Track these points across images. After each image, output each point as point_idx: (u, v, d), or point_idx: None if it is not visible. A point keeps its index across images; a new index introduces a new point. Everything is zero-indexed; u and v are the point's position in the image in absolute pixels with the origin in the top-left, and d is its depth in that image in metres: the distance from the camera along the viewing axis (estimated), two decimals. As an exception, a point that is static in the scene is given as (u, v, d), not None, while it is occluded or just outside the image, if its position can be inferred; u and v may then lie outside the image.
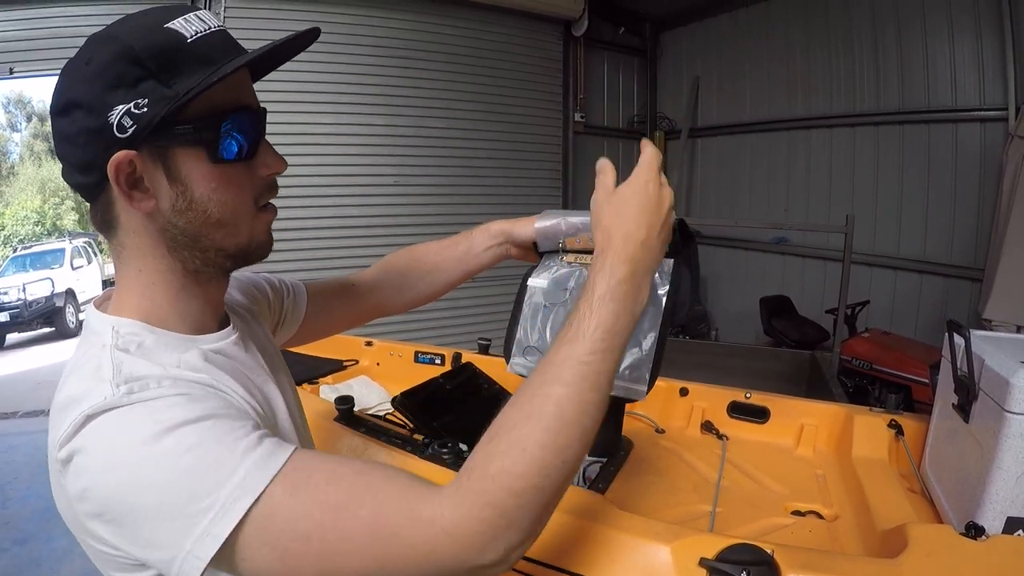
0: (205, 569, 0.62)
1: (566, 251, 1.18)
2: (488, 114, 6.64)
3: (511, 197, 6.79)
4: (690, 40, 7.92)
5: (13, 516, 4.33)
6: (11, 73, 5.12)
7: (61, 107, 0.72)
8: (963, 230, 5.43)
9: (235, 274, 0.91)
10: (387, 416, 1.75)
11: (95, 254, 14.77)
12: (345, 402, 1.58)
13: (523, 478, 0.65)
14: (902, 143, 5.81)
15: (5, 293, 11.42)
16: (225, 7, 5.35)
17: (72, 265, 13.13)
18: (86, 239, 15.24)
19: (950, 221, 5.52)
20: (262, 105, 0.83)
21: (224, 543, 0.61)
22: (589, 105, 7.57)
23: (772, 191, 7.13)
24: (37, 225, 24.11)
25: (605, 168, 0.90)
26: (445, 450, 1.33)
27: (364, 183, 6.02)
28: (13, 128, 28.63)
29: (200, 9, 0.76)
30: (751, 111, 7.25)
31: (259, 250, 0.85)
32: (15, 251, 14.33)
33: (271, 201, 0.86)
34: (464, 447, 1.34)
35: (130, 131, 0.70)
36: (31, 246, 14.90)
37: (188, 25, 0.72)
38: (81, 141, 0.72)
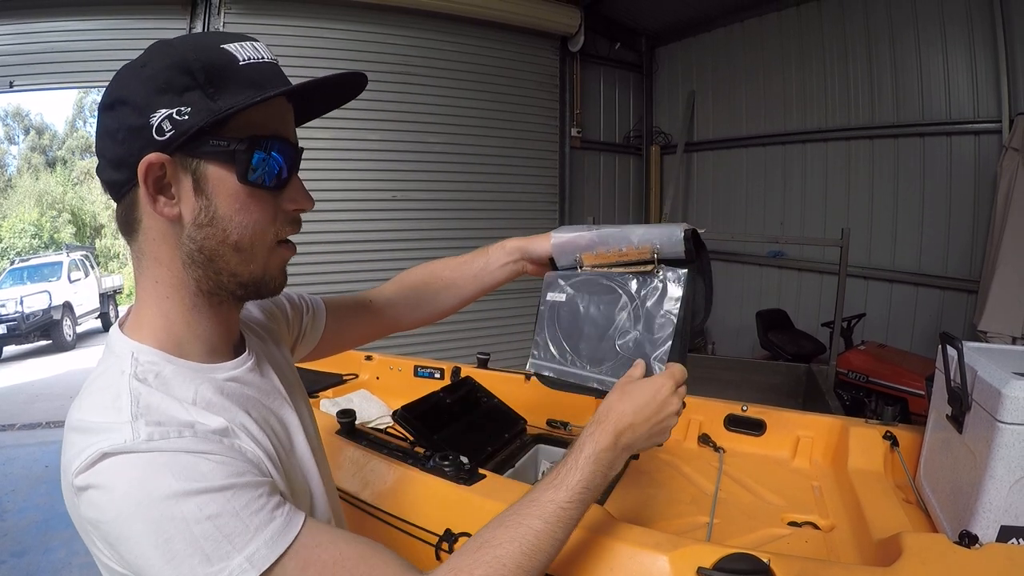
0: None
1: (582, 267, 1.19)
2: (486, 129, 6.66)
3: (509, 212, 6.81)
4: (685, 55, 7.95)
5: (11, 528, 4.31)
6: (11, 87, 5.13)
7: (109, 103, 0.75)
8: (958, 242, 5.44)
9: None
10: (387, 429, 1.76)
11: (92, 267, 14.71)
12: (347, 415, 1.60)
13: None
14: (897, 156, 5.84)
15: (2, 306, 11.35)
16: (224, 23, 5.38)
17: (69, 278, 13.06)
18: (83, 252, 15.18)
19: (945, 233, 5.54)
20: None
21: None
22: (586, 120, 7.60)
23: (768, 205, 7.15)
24: (34, 238, 24.04)
25: (638, 367, 1.05)
26: (446, 463, 1.34)
27: (363, 198, 6.03)
28: (11, 141, 28.65)
29: (257, 39, 0.80)
30: (747, 125, 7.28)
31: (271, 284, 0.86)
32: (12, 264, 14.28)
33: (292, 240, 0.87)
34: (464, 459, 1.35)
35: (168, 135, 0.72)
36: (28, 259, 14.82)
37: (243, 50, 0.76)
38: (120, 137, 0.74)
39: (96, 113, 0.79)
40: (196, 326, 0.83)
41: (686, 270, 1.09)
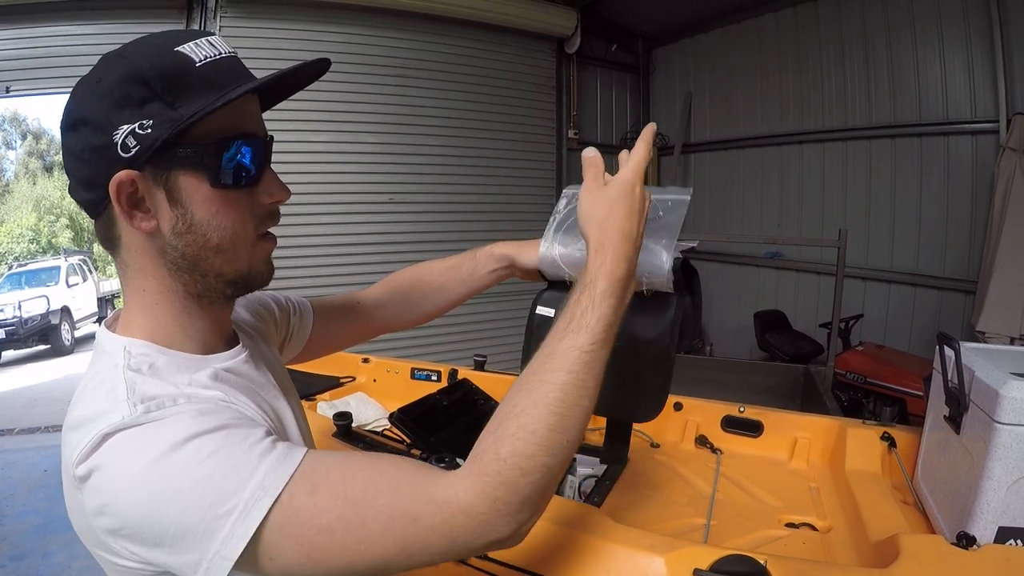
0: (231, 570, 0.64)
1: (572, 283, 1.18)
2: (482, 131, 6.67)
3: (505, 213, 6.82)
4: (682, 56, 7.97)
5: (10, 532, 4.34)
6: (7, 92, 5.14)
7: (70, 123, 0.73)
8: (956, 243, 5.44)
9: None
10: (384, 432, 1.75)
11: (90, 272, 14.77)
12: (343, 418, 1.59)
13: (533, 458, 0.70)
14: (894, 156, 5.84)
15: (1, 310, 11.43)
16: (220, 27, 5.39)
17: (68, 283, 13.14)
18: (82, 257, 15.24)
19: (943, 234, 5.55)
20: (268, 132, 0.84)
21: (249, 543, 0.63)
22: (582, 121, 7.62)
23: (765, 206, 7.17)
24: (32, 243, 24.10)
25: (594, 162, 0.95)
26: (443, 464, 1.33)
27: (359, 200, 6.04)
28: (8, 146, 28.66)
29: (212, 34, 0.77)
30: (744, 126, 7.29)
31: (258, 277, 0.85)
32: (10, 268, 14.30)
33: (272, 231, 0.86)
34: (461, 461, 1.34)
35: (133, 151, 0.70)
36: (27, 263, 14.89)
37: (198, 50, 0.74)
38: (86, 158, 0.72)
39: (60, 133, 0.77)
40: (188, 327, 0.83)
41: (674, 297, 1.10)
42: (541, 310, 1.19)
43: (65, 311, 12.47)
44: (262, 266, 0.85)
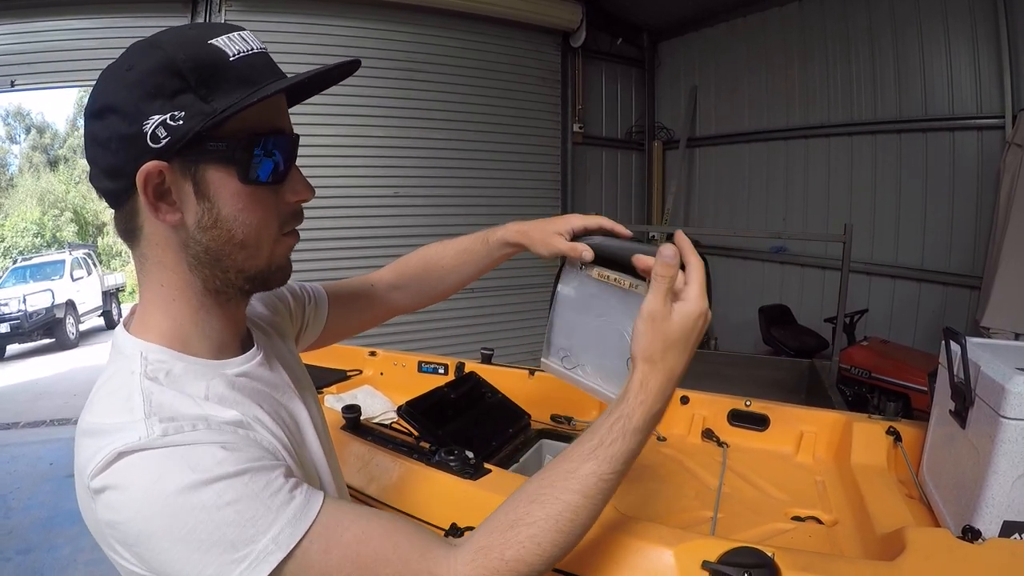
0: None
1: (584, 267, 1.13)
2: (488, 125, 6.68)
3: (511, 207, 6.81)
4: (687, 50, 7.95)
5: (16, 526, 4.35)
6: (12, 86, 5.14)
7: (97, 110, 0.72)
8: (961, 238, 5.44)
9: None
10: (392, 425, 1.77)
11: (95, 265, 14.77)
12: (352, 411, 1.61)
13: (532, 566, 0.75)
14: (900, 152, 5.83)
15: (5, 304, 11.44)
16: (225, 20, 5.39)
17: (72, 277, 13.13)
18: (86, 251, 15.25)
19: (948, 229, 5.54)
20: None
21: None
22: (588, 115, 7.61)
23: (770, 200, 7.15)
24: (36, 237, 24.09)
25: (668, 271, 0.82)
26: (452, 457, 1.35)
27: (365, 195, 6.06)
28: (12, 140, 28.68)
29: (244, 29, 0.77)
30: (749, 121, 7.27)
31: (278, 273, 0.86)
32: (15, 262, 14.32)
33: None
34: (470, 454, 1.36)
35: (163, 142, 0.70)
36: (31, 257, 14.89)
37: (232, 44, 0.74)
38: (113, 146, 0.72)
39: (83, 119, 0.76)
40: (204, 325, 0.83)
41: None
42: (562, 289, 1.14)
43: (70, 305, 12.48)
44: (283, 263, 0.86)
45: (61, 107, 38.68)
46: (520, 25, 6.71)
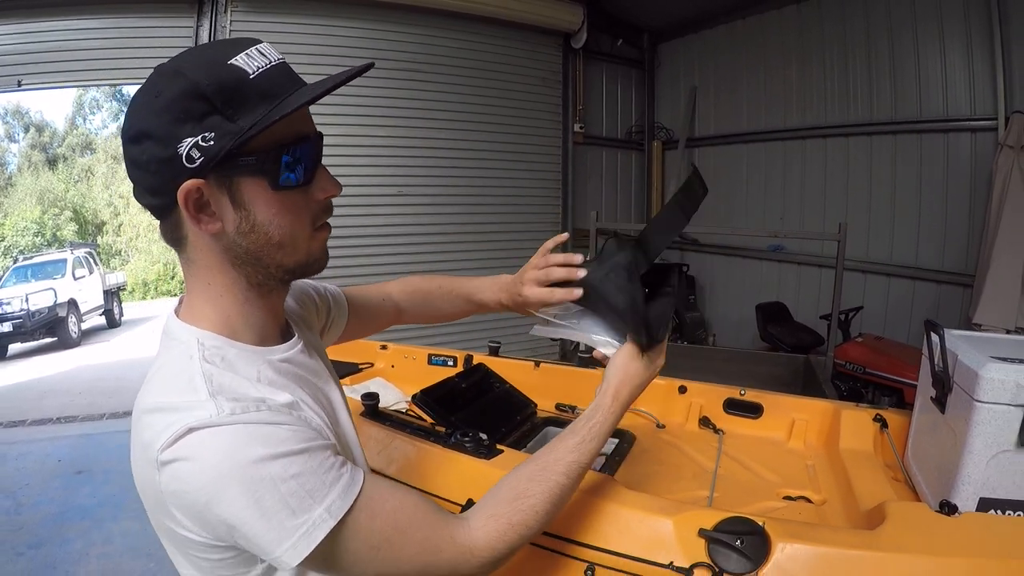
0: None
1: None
2: (489, 125, 6.75)
3: (512, 206, 6.92)
4: (687, 51, 8.02)
5: (27, 521, 4.38)
6: (19, 85, 5.20)
7: (133, 136, 0.78)
8: (954, 237, 5.52)
9: None
10: (406, 413, 1.85)
11: (96, 264, 14.75)
12: (371, 398, 1.70)
13: (530, 528, 0.95)
14: (895, 152, 5.91)
15: (8, 303, 11.45)
16: (231, 20, 5.46)
17: (74, 275, 13.09)
18: (87, 249, 15.20)
19: (942, 229, 5.61)
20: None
21: (311, 552, 0.75)
22: (588, 116, 7.68)
23: (768, 200, 7.23)
24: (37, 236, 24.00)
25: (632, 346, 1.12)
26: (467, 439, 1.44)
27: (368, 193, 6.10)
28: (11, 139, 28.59)
29: (260, 42, 0.83)
30: (747, 121, 7.35)
31: (316, 264, 0.93)
32: (16, 261, 14.30)
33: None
34: (484, 436, 1.45)
35: (198, 162, 0.76)
36: (33, 256, 14.84)
37: (251, 61, 0.78)
38: (152, 168, 0.77)
39: (121, 142, 0.82)
40: (249, 316, 0.90)
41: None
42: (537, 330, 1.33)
43: (72, 304, 12.49)
44: (319, 254, 0.93)
45: (59, 106, 38.49)
46: (522, 26, 6.78)
